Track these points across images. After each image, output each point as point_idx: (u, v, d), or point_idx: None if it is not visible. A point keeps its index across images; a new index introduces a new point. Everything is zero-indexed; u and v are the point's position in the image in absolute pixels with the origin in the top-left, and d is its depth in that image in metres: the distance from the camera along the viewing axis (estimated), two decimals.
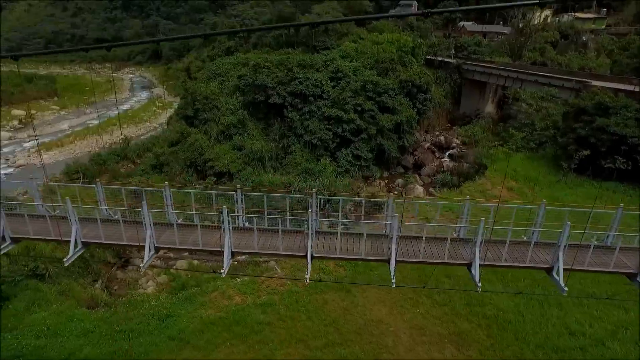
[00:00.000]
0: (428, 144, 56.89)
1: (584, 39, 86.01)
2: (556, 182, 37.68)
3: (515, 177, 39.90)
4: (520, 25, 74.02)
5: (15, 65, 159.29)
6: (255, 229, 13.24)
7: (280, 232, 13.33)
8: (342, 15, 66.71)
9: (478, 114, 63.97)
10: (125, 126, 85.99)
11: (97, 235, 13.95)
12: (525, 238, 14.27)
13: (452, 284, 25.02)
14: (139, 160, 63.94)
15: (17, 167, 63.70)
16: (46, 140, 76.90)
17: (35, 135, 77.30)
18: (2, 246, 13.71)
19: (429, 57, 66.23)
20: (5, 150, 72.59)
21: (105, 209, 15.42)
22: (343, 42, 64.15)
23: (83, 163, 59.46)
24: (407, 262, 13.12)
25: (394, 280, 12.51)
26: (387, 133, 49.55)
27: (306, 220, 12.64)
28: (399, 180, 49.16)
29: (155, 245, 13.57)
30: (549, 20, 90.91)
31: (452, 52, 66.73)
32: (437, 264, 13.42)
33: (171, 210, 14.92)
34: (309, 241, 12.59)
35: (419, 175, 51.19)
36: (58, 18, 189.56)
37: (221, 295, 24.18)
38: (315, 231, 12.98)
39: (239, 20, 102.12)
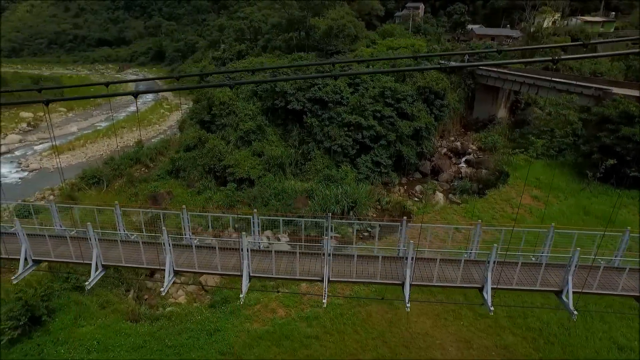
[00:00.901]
0: (445, 150, 57.14)
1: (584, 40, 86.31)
2: (580, 191, 37.92)
3: (539, 185, 40.16)
4: (532, 30, 74.18)
5: (19, 66, 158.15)
6: (355, 256, 13.31)
7: (380, 259, 13.40)
8: (355, 19, 66.71)
9: (492, 119, 64.25)
10: (135, 129, 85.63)
11: (189, 264, 14.03)
12: (603, 263, 14.33)
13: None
14: (152, 164, 63.92)
15: (30, 171, 63.45)
16: (57, 143, 76.66)
17: (53, 140, 76.82)
18: (96, 272, 13.80)
19: (442, 61, 66.45)
20: (16, 153, 72.41)
21: (190, 236, 15.44)
22: (356, 47, 64.34)
23: (97, 167, 59.44)
24: (501, 289, 13.25)
25: (492, 308, 12.64)
26: (406, 139, 49.71)
27: (404, 249, 12.73)
28: (419, 187, 49.33)
29: (251, 275, 13.63)
30: (557, 24, 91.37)
31: (466, 57, 66.91)
32: (531, 290, 13.54)
33: (260, 240, 14.95)
34: (408, 270, 12.67)
35: (437, 181, 51.40)
36: (60, 18, 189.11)
37: (264, 308, 24.28)
38: (412, 258, 12.99)
39: (246, 23, 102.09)
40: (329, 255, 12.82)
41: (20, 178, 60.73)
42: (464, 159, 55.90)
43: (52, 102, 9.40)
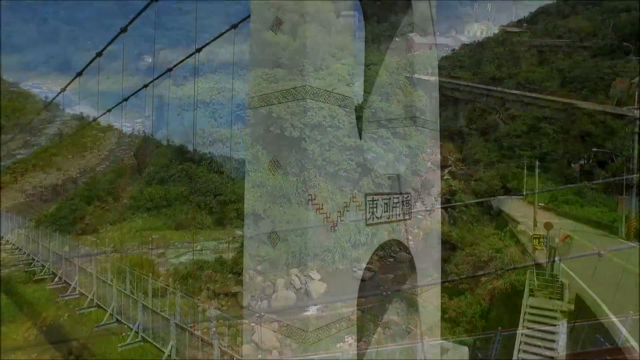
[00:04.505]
0: (429, 163, 58.92)
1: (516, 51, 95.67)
2: (584, 201, 41.45)
3: (543, 197, 43.24)
4: (481, 40, 79.99)
5: None
6: None
7: None
8: None
9: (460, 131, 67.96)
10: (70, 157, 75.53)
11: None
12: None
13: None
14: (110, 199, 56.78)
15: None
16: None
17: None
18: None
19: (406, 75, 68.29)
20: None
21: None
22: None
23: (50, 212, 51.83)
24: None
25: None
26: (403, 159, 50.40)
27: None
28: (419, 203, 50.38)
29: None
30: (483, 34, 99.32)
31: (433, 69, 69.67)
32: None
33: None
34: None
35: (431, 195, 53.00)
36: None
37: None
38: None
39: (182, 33, 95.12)
40: None
41: None
42: (447, 171, 58.31)
43: None
